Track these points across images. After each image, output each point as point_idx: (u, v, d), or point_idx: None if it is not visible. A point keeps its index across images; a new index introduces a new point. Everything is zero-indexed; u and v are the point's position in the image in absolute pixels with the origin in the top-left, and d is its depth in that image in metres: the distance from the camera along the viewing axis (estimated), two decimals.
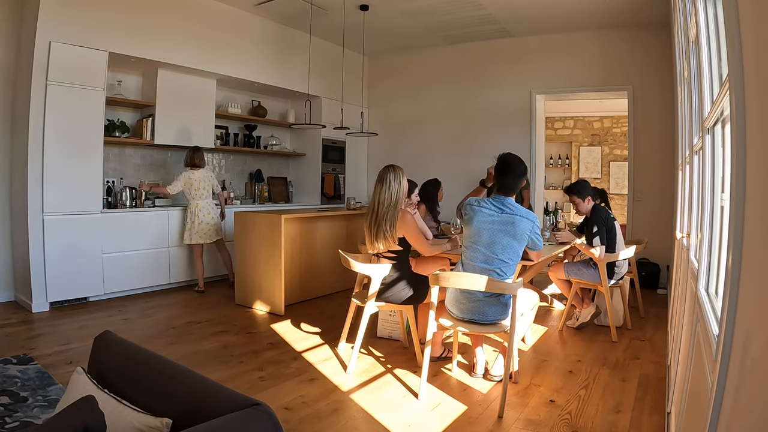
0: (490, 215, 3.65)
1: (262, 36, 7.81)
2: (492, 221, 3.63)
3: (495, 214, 3.65)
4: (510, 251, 3.61)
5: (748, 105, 1.17)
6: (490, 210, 3.67)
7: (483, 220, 3.65)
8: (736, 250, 1.21)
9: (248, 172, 8.64)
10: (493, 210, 3.67)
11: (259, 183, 8.62)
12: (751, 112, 1.14)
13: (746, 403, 1.03)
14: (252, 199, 8.47)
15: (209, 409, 1.53)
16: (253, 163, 8.73)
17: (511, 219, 3.61)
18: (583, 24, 7.58)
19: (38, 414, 3.10)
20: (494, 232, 3.61)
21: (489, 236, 3.61)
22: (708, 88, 2.34)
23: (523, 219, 3.62)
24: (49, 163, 5.48)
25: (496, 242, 3.60)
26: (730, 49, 1.31)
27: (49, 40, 5.42)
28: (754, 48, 1.10)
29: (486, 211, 3.68)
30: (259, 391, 3.62)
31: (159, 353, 1.92)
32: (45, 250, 5.49)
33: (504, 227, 3.60)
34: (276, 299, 5.71)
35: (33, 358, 4.05)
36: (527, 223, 3.63)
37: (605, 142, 12.05)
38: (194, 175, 6.59)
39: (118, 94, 6.51)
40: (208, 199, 6.70)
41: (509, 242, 3.60)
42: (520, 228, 3.60)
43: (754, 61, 1.10)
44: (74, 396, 1.65)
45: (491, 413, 3.34)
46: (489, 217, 3.65)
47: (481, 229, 3.64)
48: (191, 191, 6.59)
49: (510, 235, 3.59)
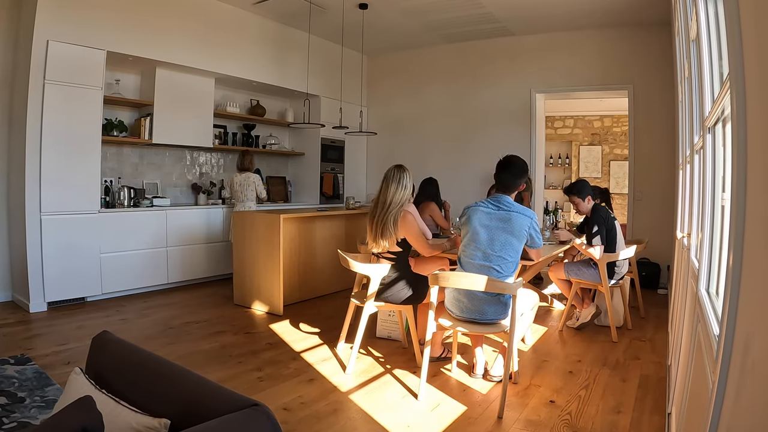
0: (487, 213, 3.66)
1: (260, 35, 7.81)
2: (489, 219, 3.63)
3: (492, 211, 3.66)
4: (509, 248, 3.60)
5: (749, 104, 1.17)
6: (488, 208, 3.68)
7: (480, 218, 3.66)
8: (737, 250, 1.21)
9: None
10: (491, 208, 3.68)
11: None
12: (752, 110, 1.14)
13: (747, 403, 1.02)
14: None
15: (207, 409, 1.53)
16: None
17: (508, 216, 3.62)
18: (583, 22, 7.58)
19: (36, 414, 3.10)
20: (492, 229, 3.61)
21: (487, 234, 3.61)
22: (709, 87, 2.34)
23: (520, 215, 3.62)
24: (46, 163, 5.48)
25: (494, 240, 3.60)
26: (731, 47, 1.31)
27: (46, 39, 5.41)
28: (755, 46, 1.10)
29: (483, 210, 3.68)
30: (257, 392, 3.61)
31: (157, 353, 1.92)
32: (42, 250, 5.49)
33: (502, 224, 3.60)
34: (275, 299, 5.70)
35: (30, 359, 4.04)
36: (525, 219, 3.63)
37: (605, 142, 12.06)
38: (236, 178, 7.16)
39: (116, 94, 6.50)
40: (250, 202, 7.18)
41: (508, 239, 3.60)
42: (517, 224, 3.60)
43: (755, 60, 1.10)
44: (72, 396, 1.65)
45: (491, 414, 3.34)
46: (486, 215, 3.66)
47: (479, 227, 3.64)
48: (234, 193, 7.17)
49: (508, 232, 3.59)
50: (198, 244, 7.06)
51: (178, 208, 6.87)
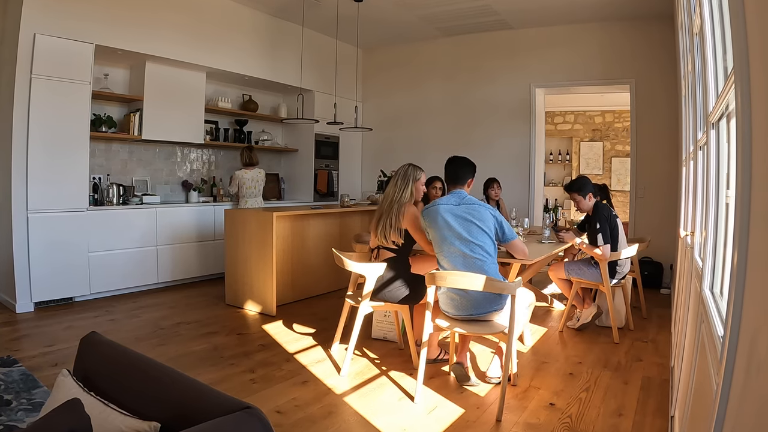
0: (449, 207, 3.75)
1: (253, 28, 7.79)
2: (453, 212, 3.71)
3: (453, 205, 3.75)
4: (483, 235, 3.66)
5: (755, 99, 1.17)
6: (448, 204, 3.78)
7: (444, 212, 3.73)
8: (742, 249, 1.21)
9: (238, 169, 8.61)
10: (451, 203, 3.77)
11: None
12: (758, 106, 1.14)
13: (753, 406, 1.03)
14: None
15: (198, 412, 1.53)
16: None
17: (470, 207, 3.71)
18: (584, 16, 7.59)
19: (23, 417, 3.09)
20: (459, 220, 3.68)
21: (457, 225, 3.67)
22: (713, 82, 2.34)
23: (480, 206, 3.73)
24: (33, 159, 5.46)
25: (467, 228, 3.66)
26: (736, 41, 1.31)
27: (33, 32, 5.39)
28: (760, 40, 1.10)
29: (444, 206, 3.78)
30: (250, 394, 3.61)
31: (147, 355, 1.91)
32: (29, 249, 5.47)
33: (466, 214, 3.68)
34: (267, 299, 5.70)
35: (17, 360, 4.03)
36: (487, 208, 3.73)
37: (607, 138, 12.07)
38: (247, 174, 7.25)
39: (104, 88, 6.48)
40: (258, 198, 7.38)
41: (477, 229, 3.65)
42: (481, 213, 3.68)
43: (761, 53, 1.10)
44: (60, 399, 1.65)
45: (489, 417, 3.34)
46: (449, 208, 3.74)
47: (447, 221, 3.70)
48: (243, 189, 7.27)
49: (477, 219, 3.66)
50: (189, 243, 7.04)
51: (168, 206, 6.86)
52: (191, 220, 7.08)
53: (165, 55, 6.59)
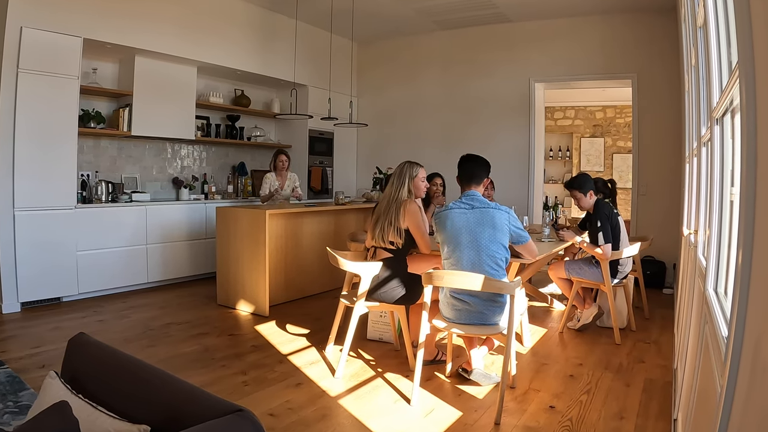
0: (462, 213, 3.69)
1: (245, 21, 7.78)
2: (466, 218, 3.66)
3: (467, 210, 3.69)
4: (496, 244, 3.62)
5: (760, 94, 1.17)
6: (461, 209, 3.72)
7: (456, 219, 3.68)
8: (746, 248, 1.21)
9: (231, 165, 8.60)
10: (464, 207, 3.71)
11: (243, 176, 8.60)
12: (763, 101, 1.14)
13: (757, 408, 1.03)
14: (235, 193, 8.42)
15: (189, 415, 1.53)
16: (236, 155, 8.69)
17: (483, 212, 3.66)
18: (585, 8, 7.59)
19: (9, 420, 3.08)
20: (472, 227, 3.63)
21: (469, 234, 3.63)
22: (717, 76, 2.35)
23: (497, 210, 3.67)
24: (20, 156, 5.44)
25: (478, 237, 3.61)
26: (741, 34, 1.31)
27: (20, 25, 5.37)
28: (765, 33, 1.10)
29: (456, 211, 3.71)
30: (242, 397, 3.61)
31: (136, 356, 1.91)
32: (16, 248, 5.45)
33: (481, 219, 3.63)
34: (260, 299, 5.69)
35: (3, 362, 4.02)
36: (502, 214, 3.68)
37: (608, 133, 12.09)
38: (289, 178, 7.27)
39: (93, 83, 6.46)
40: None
41: (492, 234, 3.61)
42: (497, 219, 3.64)
43: (766, 48, 1.10)
44: (47, 401, 1.64)
45: (488, 420, 3.34)
46: (462, 215, 3.68)
47: (459, 229, 3.66)
48: (281, 195, 7.16)
49: (490, 226, 3.61)
50: (180, 242, 7.03)
51: (158, 204, 6.84)
52: (182, 218, 7.07)
53: (155, 49, 6.56)
